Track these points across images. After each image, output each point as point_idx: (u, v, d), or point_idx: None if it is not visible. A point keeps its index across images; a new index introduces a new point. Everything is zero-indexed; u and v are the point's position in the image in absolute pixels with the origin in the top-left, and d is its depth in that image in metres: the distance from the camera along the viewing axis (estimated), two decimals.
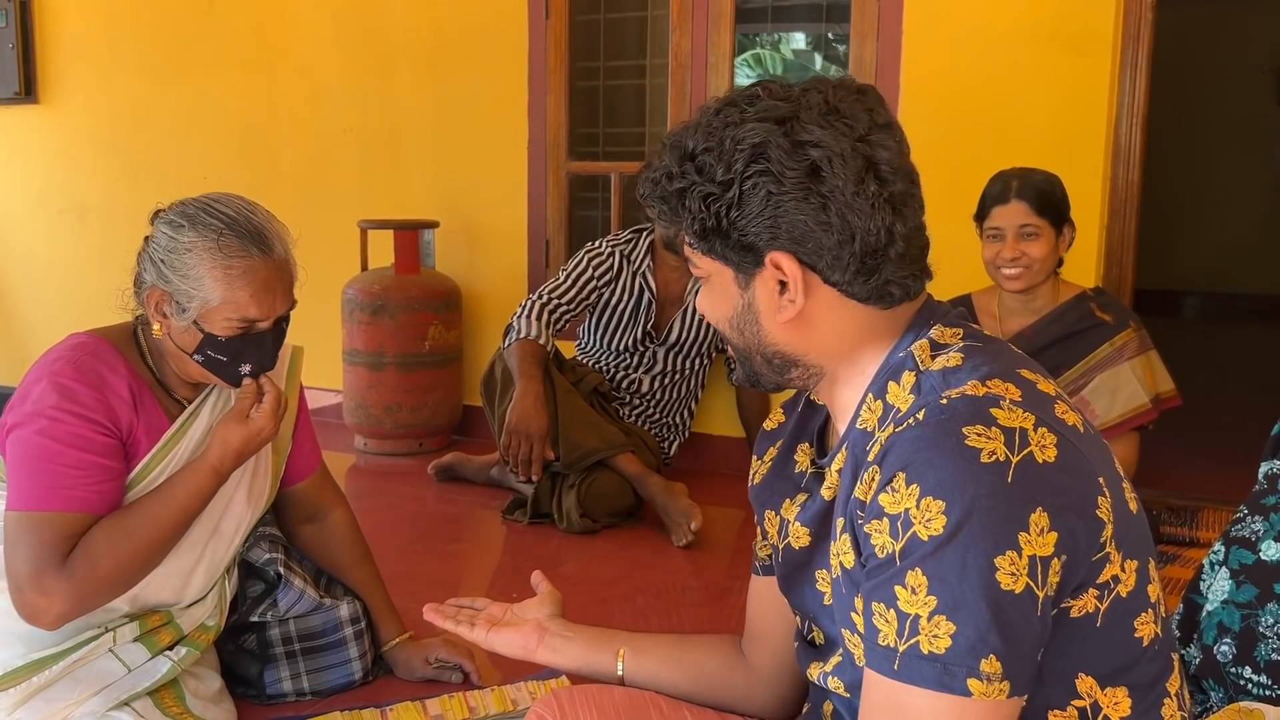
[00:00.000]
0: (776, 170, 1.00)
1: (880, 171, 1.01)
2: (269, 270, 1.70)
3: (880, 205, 1.00)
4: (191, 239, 1.67)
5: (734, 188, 1.01)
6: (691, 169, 1.03)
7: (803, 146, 0.99)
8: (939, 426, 0.93)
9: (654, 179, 1.07)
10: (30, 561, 1.60)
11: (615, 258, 3.32)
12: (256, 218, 1.72)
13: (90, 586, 1.62)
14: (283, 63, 4.35)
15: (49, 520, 1.61)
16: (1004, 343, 1.08)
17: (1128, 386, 2.56)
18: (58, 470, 1.62)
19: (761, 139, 1.00)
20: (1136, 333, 2.62)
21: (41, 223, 5.01)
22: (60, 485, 1.62)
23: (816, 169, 0.99)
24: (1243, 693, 1.50)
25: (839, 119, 1.00)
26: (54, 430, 1.63)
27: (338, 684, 2.02)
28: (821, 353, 1.08)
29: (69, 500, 1.62)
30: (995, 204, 2.57)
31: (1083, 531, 0.93)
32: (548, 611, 1.42)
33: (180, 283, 1.67)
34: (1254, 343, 6.41)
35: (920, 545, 0.90)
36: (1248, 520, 1.56)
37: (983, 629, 0.88)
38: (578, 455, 3.02)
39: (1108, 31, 3.07)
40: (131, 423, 1.71)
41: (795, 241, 1.02)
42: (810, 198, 1.00)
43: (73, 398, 1.64)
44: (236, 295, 1.67)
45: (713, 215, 1.03)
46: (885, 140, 1.02)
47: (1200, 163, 6.92)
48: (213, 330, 1.69)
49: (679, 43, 3.64)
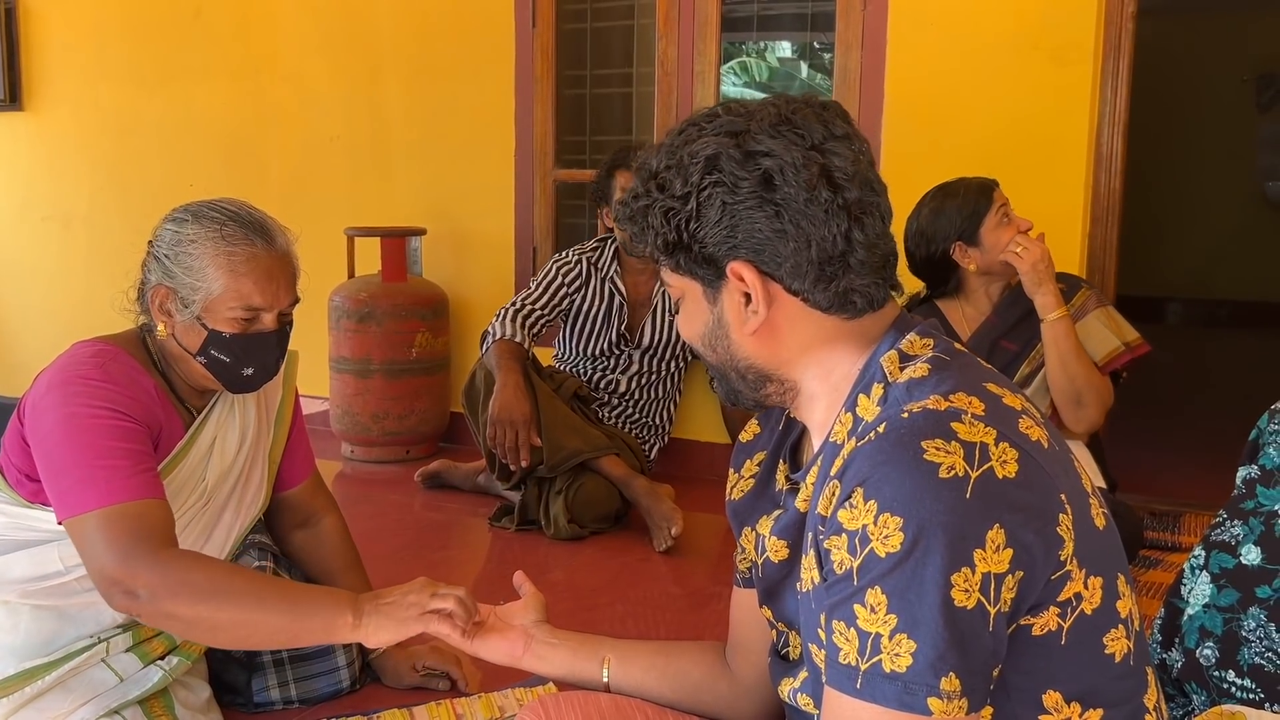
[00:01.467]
0: (730, 181, 1.02)
1: (834, 178, 1.02)
2: (271, 259, 1.72)
3: (835, 212, 1.02)
4: (195, 231, 1.69)
5: (691, 200, 1.03)
6: (654, 186, 1.06)
7: (754, 156, 1.01)
8: (898, 440, 0.93)
9: (624, 201, 1.10)
10: (116, 554, 1.53)
11: (583, 265, 3.38)
12: (258, 213, 1.75)
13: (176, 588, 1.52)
14: (269, 70, 4.35)
15: (125, 511, 1.56)
16: (973, 356, 1.08)
17: (1098, 334, 2.63)
18: (114, 464, 1.59)
19: (714, 151, 1.02)
20: (1090, 290, 2.70)
21: (26, 231, 4.99)
22: (122, 476, 1.58)
23: (769, 177, 1.01)
24: (1225, 696, 1.50)
25: (790, 129, 1.02)
26: (97, 426, 1.60)
27: (325, 692, 2.02)
28: (793, 366, 1.09)
29: (134, 488, 1.58)
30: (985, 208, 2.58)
31: (1040, 548, 0.92)
32: (533, 617, 1.42)
33: (184, 275, 1.69)
34: (1236, 349, 6.46)
35: (878, 562, 0.90)
36: (1227, 525, 1.57)
37: (941, 647, 0.88)
38: (561, 457, 3.03)
39: (1089, 41, 3.10)
40: (160, 421, 1.71)
41: (753, 251, 1.03)
42: (764, 206, 1.02)
43: (105, 396, 1.63)
44: (240, 283, 1.68)
45: (674, 229, 1.05)
46: (840, 149, 1.03)
47: (1182, 170, 6.97)
48: (217, 326, 1.69)
49: (665, 51, 3.65)
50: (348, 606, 1.51)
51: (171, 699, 1.79)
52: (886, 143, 3.33)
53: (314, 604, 1.54)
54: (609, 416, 3.39)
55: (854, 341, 1.07)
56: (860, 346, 1.07)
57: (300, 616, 1.53)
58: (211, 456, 1.82)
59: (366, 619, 1.49)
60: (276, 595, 1.56)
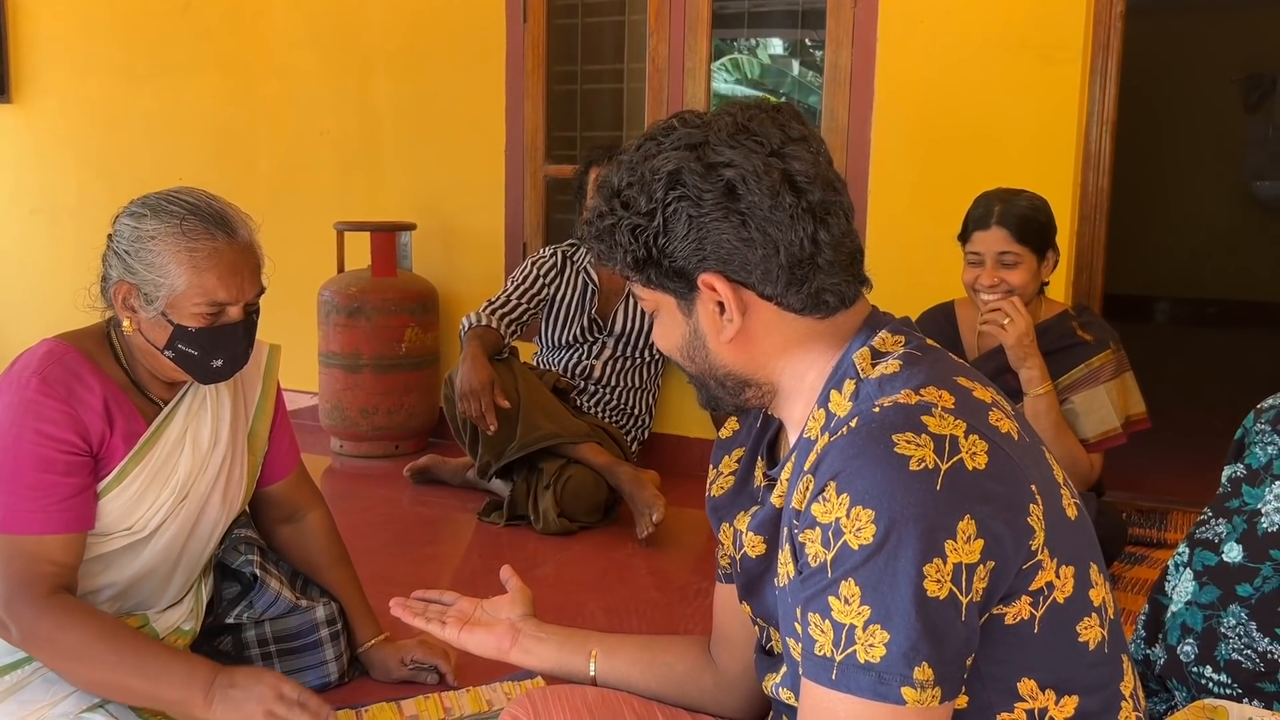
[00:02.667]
0: (694, 194, 1.03)
1: (796, 182, 1.03)
2: (234, 253, 1.69)
3: (800, 215, 1.03)
4: (154, 226, 1.67)
5: (657, 216, 1.04)
6: (618, 204, 1.07)
7: (715, 168, 1.02)
8: (869, 434, 0.94)
9: (588, 220, 1.11)
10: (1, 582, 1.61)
11: (558, 257, 3.45)
12: (217, 204, 1.72)
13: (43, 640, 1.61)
14: (259, 64, 4.34)
15: (20, 545, 1.62)
16: (944, 350, 1.10)
17: (1100, 410, 2.55)
18: (21, 492, 1.62)
19: (675, 166, 1.03)
20: (1115, 354, 2.59)
21: (14, 223, 4.97)
22: (23, 508, 1.62)
23: (732, 188, 1.02)
24: (1205, 692, 1.51)
25: (748, 137, 1.03)
26: (16, 449, 1.62)
27: (313, 685, 2.01)
28: (770, 370, 1.11)
29: (31, 522, 1.62)
30: (976, 228, 2.52)
31: (1011, 538, 0.94)
32: (520, 611, 1.43)
33: (146, 272, 1.66)
34: (1223, 347, 6.49)
35: (851, 555, 0.91)
36: (1211, 523, 1.58)
37: (914, 637, 0.90)
38: (536, 436, 3.04)
39: (1078, 40, 3.11)
40: (104, 433, 1.70)
41: (723, 261, 1.04)
42: (730, 216, 1.02)
43: (37, 414, 1.63)
44: (204, 279, 1.66)
45: (642, 245, 1.06)
46: (799, 152, 1.04)
47: (1170, 170, 7.01)
48: (182, 321, 1.68)
49: (656, 47, 3.66)
50: (200, 688, 1.62)
51: None
52: (876, 140, 3.34)
53: (170, 679, 1.62)
54: (588, 404, 3.42)
55: (828, 340, 1.09)
56: (834, 344, 1.09)
57: (159, 689, 1.62)
58: (184, 449, 1.81)
59: (217, 705, 1.61)
60: (136, 668, 1.62)
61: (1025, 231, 2.49)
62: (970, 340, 2.68)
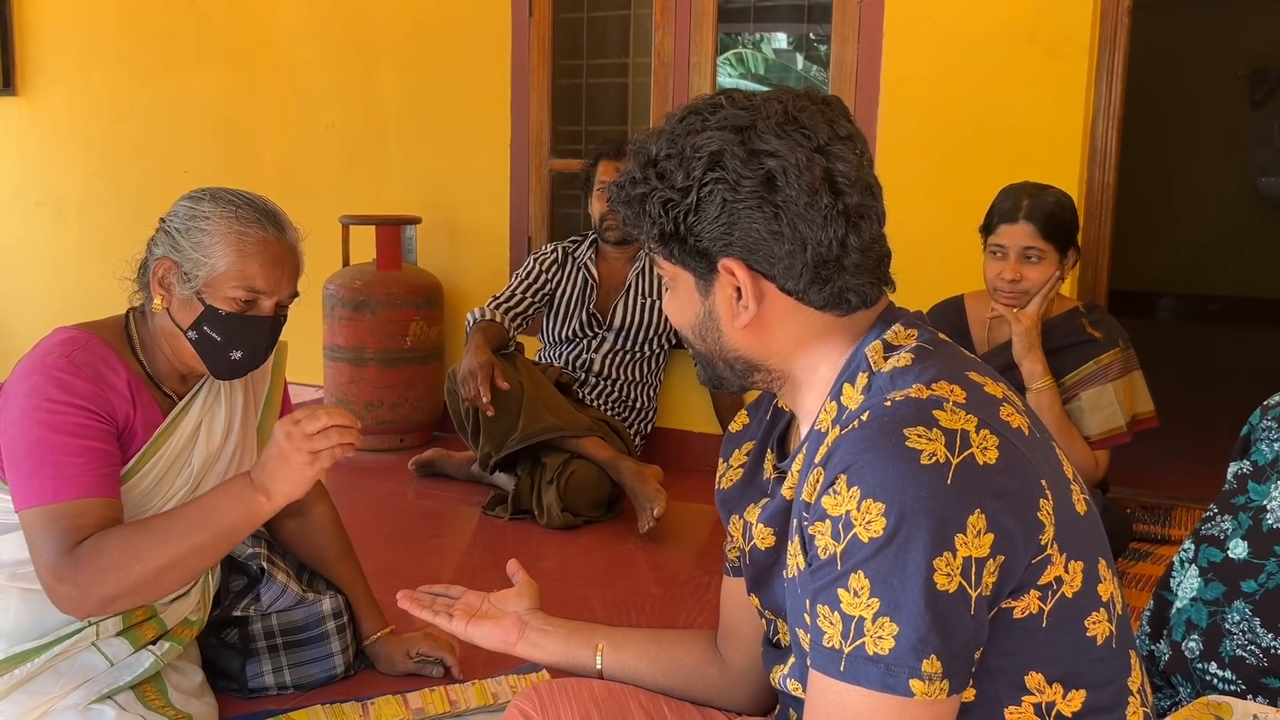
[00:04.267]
0: (732, 179, 1.01)
1: (836, 184, 1.02)
2: (280, 247, 1.74)
3: (833, 218, 1.02)
4: (210, 209, 1.72)
5: (692, 194, 1.03)
6: (653, 174, 1.05)
7: (759, 156, 1.01)
8: (880, 428, 0.94)
9: (620, 184, 1.09)
10: (47, 553, 1.57)
11: (559, 252, 3.49)
12: (273, 205, 1.78)
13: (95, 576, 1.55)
14: (264, 57, 4.34)
15: (64, 510, 1.58)
16: (955, 345, 1.09)
17: (1106, 408, 2.54)
18: (64, 460, 1.60)
19: (719, 147, 1.02)
20: (1123, 353, 2.58)
21: (19, 216, 4.97)
22: (68, 474, 1.60)
23: (771, 178, 1.01)
24: (1209, 688, 1.51)
25: (797, 129, 1.02)
26: (53, 422, 1.61)
27: (319, 678, 2.03)
28: (782, 358, 1.10)
29: (78, 487, 1.60)
30: (1002, 221, 2.51)
31: (1021, 533, 0.94)
32: (526, 604, 1.43)
33: (192, 250, 1.70)
34: (1227, 344, 6.48)
35: (861, 547, 0.91)
36: (1217, 519, 1.57)
37: (923, 630, 0.90)
38: (537, 429, 3.05)
39: (1084, 35, 3.10)
40: (129, 415, 1.71)
41: (748, 250, 1.04)
42: (764, 206, 1.02)
43: (68, 389, 1.63)
44: (246, 265, 1.70)
45: (671, 220, 1.05)
46: (844, 152, 1.03)
47: (1176, 166, 6.99)
48: (215, 303, 1.70)
49: (662, 42, 3.65)
50: (249, 493, 1.57)
51: (165, 683, 1.79)
52: (881, 135, 3.34)
53: (221, 507, 1.58)
54: (589, 397, 3.42)
55: (843, 334, 1.08)
56: (849, 339, 1.09)
57: (216, 525, 1.57)
58: (197, 441, 1.82)
59: (272, 488, 1.56)
60: (185, 522, 1.59)
61: (1051, 228, 2.48)
62: (980, 335, 2.68)
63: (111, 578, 1.55)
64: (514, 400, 3.07)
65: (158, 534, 1.58)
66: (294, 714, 1.92)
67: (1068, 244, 2.53)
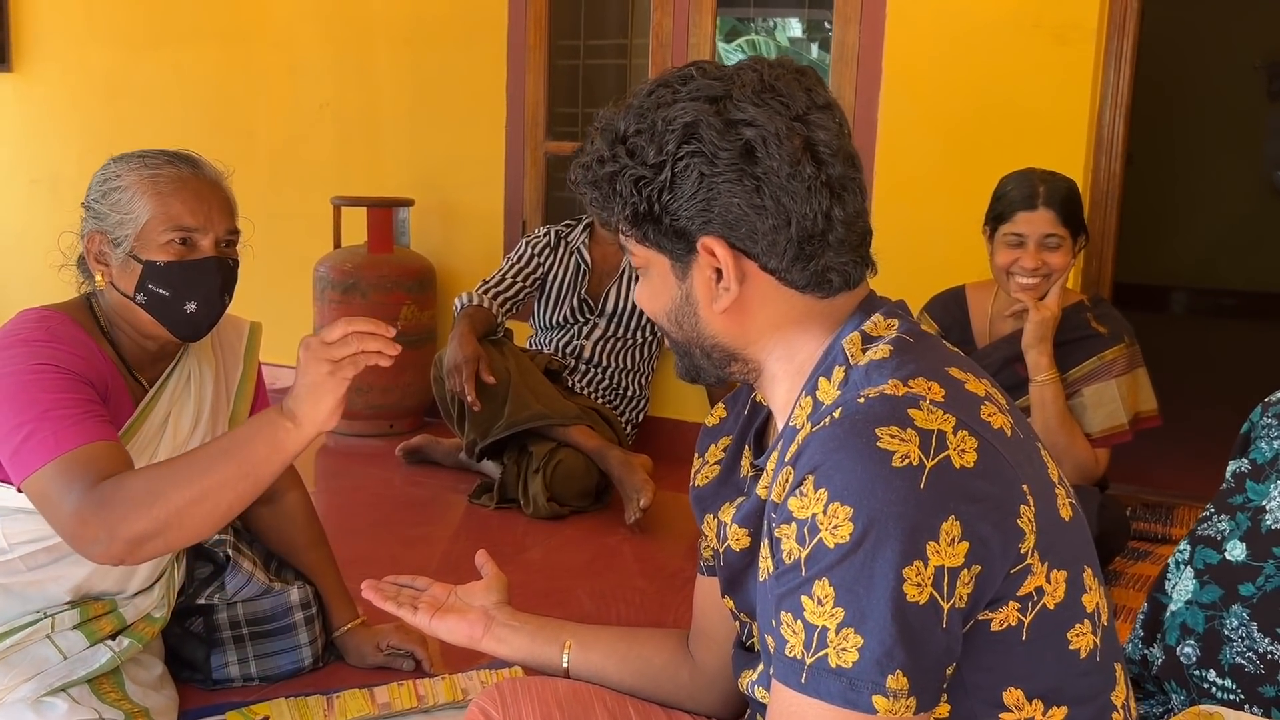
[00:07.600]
0: (709, 151, 0.96)
1: (818, 153, 0.97)
2: (199, 183, 1.69)
3: (817, 189, 0.97)
4: (118, 167, 1.69)
5: (665, 170, 0.97)
6: (623, 151, 0.99)
7: (736, 126, 0.95)
8: (852, 427, 0.89)
9: (585, 164, 1.03)
10: (68, 501, 1.44)
11: (552, 236, 3.43)
12: (184, 151, 1.74)
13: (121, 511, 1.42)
14: (260, 35, 4.29)
15: (75, 457, 1.47)
16: (937, 338, 1.04)
17: (1109, 405, 2.49)
18: (61, 415, 1.50)
19: (693, 118, 0.96)
20: (1128, 349, 2.53)
21: (14, 193, 4.95)
22: (69, 425, 1.50)
23: (750, 149, 0.95)
24: (1205, 695, 1.48)
25: (774, 97, 0.96)
26: (42, 383, 1.52)
27: (287, 670, 1.99)
28: (760, 346, 1.05)
29: (82, 433, 1.50)
30: (1021, 209, 2.43)
31: (999, 541, 0.89)
32: (494, 598, 1.39)
33: (113, 213, 1.66)
34: (1239, 339, 6.40)
35: (826, 553, 0.86)
36: (1214, 519, 1.53)
37: (889, 643, 0.84)
38: (523, 416, 3.01)
39: (1093, 21, 3.03)
40: (106, 386, 1.64)
41: (728, 226, 0.98)
42: (744, 179, 0.96)
43: (53, 355, 1.56)
44: (168, 205, 1.65)
45: (644, 199, 0.99)
46: (824, 120, 0.98)
47: (1188, 158, 6.91)
48: (150, 256, 1.65)
49: (660, 23, 3.59)
50: (276, 418, 1.43)
51: (123, 678, 1.74)
52: (883, 119, 3.27)
53: (248, 438, 1.44)
54: (579, 384, 3.37)
55: (823, 321, 1.03)
56: (828, 326, 1.03)
57: (242, 457, 1.43)
58: (165, 433, 1.76)
59: (299, 413, 1.41)
60: (211, 456, 1.45)
61: (1069, 213, 2.45)
62: (981, 326, 2.62)
63: (138, 514, 1.42)
64: (501, 387, 3.02)
65: (182, 469, 1.45)
66: (257, 707, 1.88)
67: (1080, 228, 2.50)
